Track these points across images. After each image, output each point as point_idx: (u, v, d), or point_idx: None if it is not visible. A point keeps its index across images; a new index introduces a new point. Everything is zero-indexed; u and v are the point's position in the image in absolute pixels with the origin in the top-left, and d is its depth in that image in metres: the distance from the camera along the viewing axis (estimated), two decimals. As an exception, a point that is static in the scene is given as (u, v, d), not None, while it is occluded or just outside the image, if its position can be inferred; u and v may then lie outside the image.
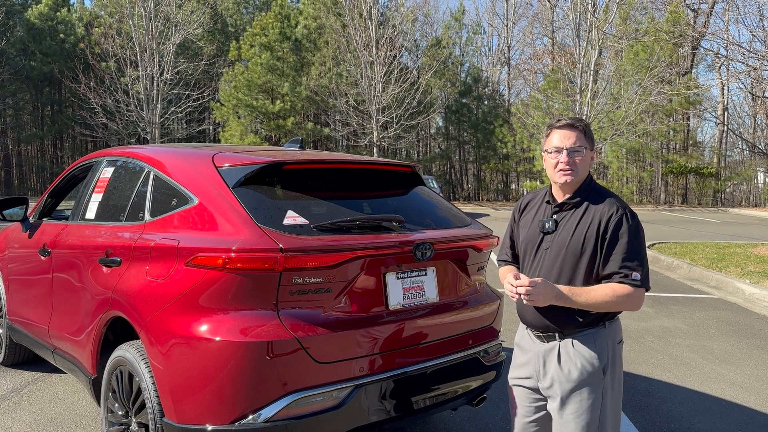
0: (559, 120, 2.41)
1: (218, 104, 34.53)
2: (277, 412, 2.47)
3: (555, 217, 2.41)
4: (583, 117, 30.49)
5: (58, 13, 40.76)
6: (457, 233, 3.14)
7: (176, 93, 32.71)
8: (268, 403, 2.47)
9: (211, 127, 40.37)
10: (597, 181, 2.49)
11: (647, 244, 12.55)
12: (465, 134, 41.02)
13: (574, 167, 2.34)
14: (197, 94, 31.67)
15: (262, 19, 35.22)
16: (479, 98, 40.00)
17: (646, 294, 2.38)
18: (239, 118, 34.08)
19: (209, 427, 2.51)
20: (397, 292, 2.83)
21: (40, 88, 42.85)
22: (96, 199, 3.71)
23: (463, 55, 41.25)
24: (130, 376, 2.91)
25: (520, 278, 2.23)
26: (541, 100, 33.88)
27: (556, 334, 2.36)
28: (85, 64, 31.54)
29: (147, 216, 3.12)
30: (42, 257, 3.97)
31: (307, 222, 2.68)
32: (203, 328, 2.53)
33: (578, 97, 30.62)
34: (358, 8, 30.03)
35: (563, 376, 2.34)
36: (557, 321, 2.34)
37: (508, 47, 44.48)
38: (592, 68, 30.00)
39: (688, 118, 35.06)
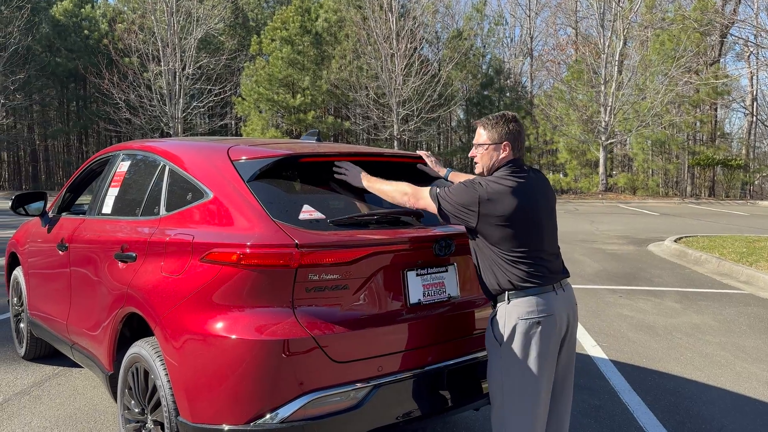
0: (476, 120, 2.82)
1: (240, 99, 34.67)
2: (294, 412, 2.40)
3: None
4: (608, 108, 30.07)
5: (83, 10, 41.26)
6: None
7: (198, 88, 32.94)
8: (284, 403, 2.40)
9: (233, 122, 40.58)
10: (622, 174, 2.58)
11: (673, 237, 12.35)
12: (487, 127, 40.58)
13: (477, 159, 2.74)
14: (219, 89, 31.84)
15: (283, 13, 35.23)
16: (501, 90, 39.61)
17: (673, 289, 2.45)
18: (260, 112, 34.20)
19: (225, 427, 2.45)
20: (417, 289, 2.74)
21: (66, 84, 43.49)
22: (112, 193, 3.68)
23: (484, 46, 40.86)
24: (146, 374, 2.87)
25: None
26: (565, 91, 33.45)
27: (492, 305, 2.72)
28: (108, 59, 31.87)
29: (162, 210, 3.07)
30: (60, 252, 3.95)
31: (323, 216, 2.60)
32: (217, 326, 2.47)
33: (602, 88, 30.18)
34: (378, 0, 29.87)
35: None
36: (485, 294, 2.72)
37: (531, 38, 44.00)
38: (616, 58, 29.51)
39: (716, 109, 34.28)
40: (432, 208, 2.64)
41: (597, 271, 9.28)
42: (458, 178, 3.21)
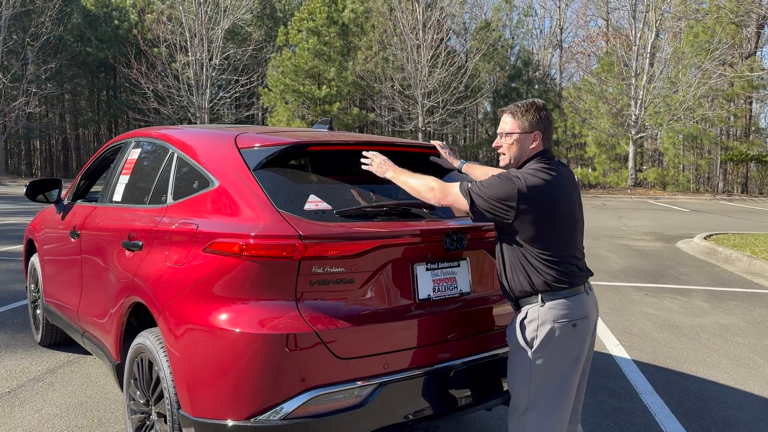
0: (502, 109, 2.64)
1: (266, 90, 34.77)
2: (295, 408, 2.32)
3: None
4: (639, 101, 29.44)
5: (113, 0, 41.69)
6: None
7: (225, 78, 33.08)
8: (286, 399, 2.31)
9: (259, 113, 40.75)
10: (652, 169, 2.46)
11: (702, 234, 12.00)
12: (514, 119, 40.12)
13: (503, 150, 2.58)
14: (245, 79, 31.94)
15: (310, 3, 35.17)
16: (529, 82, 39.08)
17: (701, 288, 2.35)
18: (286, 103, 34.26)
19: (226, 423, 2.38)
20: (427, 284, 2.64)
21: (96, 74, 44.09)
22: (123, 181, 3.63)
23: (513, 38, 40.33)
24: (150, 365, 2.81)
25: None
26: (594, 83, 32.89)
27: (512, 305, 2.58)
28: (137, 49, 32.19)
29: (169, 199, 3.01)
30: (72, 239, 3.93)
31: (329, 207, 2.51)
32: (218, 318, 2.39)
33: (633, 81, 29.57)
34: (405, -10, 29.62)
35: (509, 341, 2.55)
36: (506, 295, 2.58)
37: (561, 29, 43.31)
38: (648, 50, 28.87)
39: (751, 103, 33.32)
40: (462, 204, 2.45)
41: (623, 267, 9.06)
42: (474, 170, 3.10)
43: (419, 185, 2.56)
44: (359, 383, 2.39)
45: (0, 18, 33.18)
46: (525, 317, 2.45)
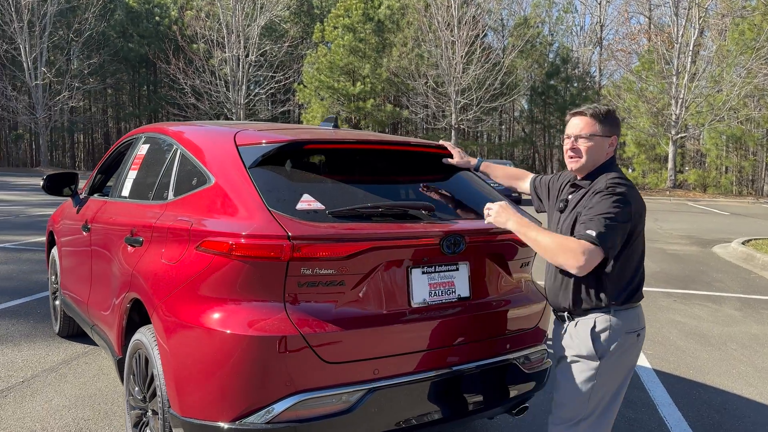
0: (572, 109, 2.52)
1: (301, 86, 34.98)
2: (281, 412, 2.27)
3: (569, 197, 2.49)
4: (680, 100, 28.63)
5: (155, -4, 42.50)
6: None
7: (261, 74, 33.38)
8: (271, 403, 2.27)
9: (295, 109, 41.05)
10: (692, 170, 2.37)
11: (741, 239, 11.58)
12: (551, 117, 39.58)
13: (579, 154, 2.43)
14: (281, 75, 32.18)
15: (346, 0, 35.23)
16: (568, 80, 38.44)
17: (734, 296, 2.29)
18: (321, 99, 34.40)
19: (214, 424, 2.34)
20: (423, 288, 2.56)
21: (137, 69, 45.05)
22: (132, 176, 3.65)
23: (552, 34, 39.74)
24: (146, 361, 2.81)
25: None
26: (635, 82, 32.12)
27: (566, 315, 2.45)
28: (175, 45, 32.72)
29: (170, 195, 3.00)
30: (84, 233, 3.97)
31: (323, 207, 2.45)
32: (205, 317, 2.36)
33: (674, 80, 28.79)
34: (441, -14, 29.39)
35: (566, 355, 2.42)
36: (564, 301, 2.42)
37: (601, 26, 42.43)
38: (690, 48, 28.04)
39: (799, 103, 32.10)
40: (597, 257, 2.20)
41: (654, 272, 8.79)
42: (494, 170, 3.06)
43: (552, 245, 2.28)
44: (348, 388, 2.33)
45: (45, 15, 34.09)
46: (594, 327, 2.34)
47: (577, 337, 2.37)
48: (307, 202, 2.45)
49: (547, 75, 37.91)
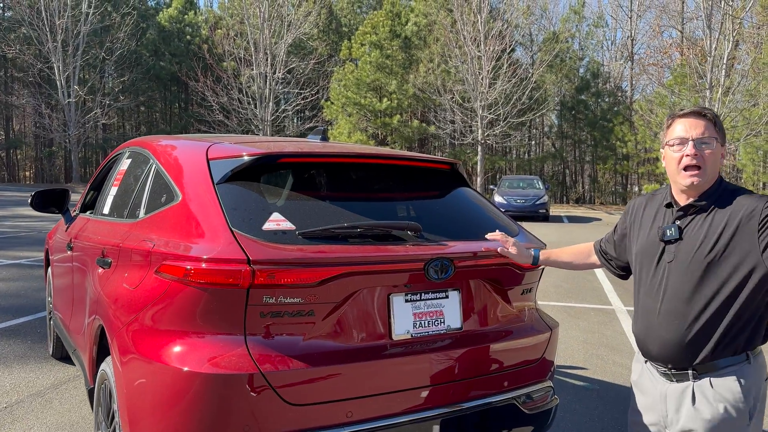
0: (682, 109, 2.04)
1: (328, 102, 35.05)
2: (239, 460, 2.00)
3: (678, 223, 2.01)
4: (714, 115, 27.82)
5: (186, 16, 43.25)
6: (494, 246, 2.51)
7: (287, 91, 33.57)
8: (227, 450, 2.00)
9: (324, 126, 41.10)
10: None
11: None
12: (581, 132, 38.92)
13: (701, 163, 1.95)
14: (308, 92, 32.29)
15: (374, 17, 35.31)
16: (598, 94, 37.79)
17: None
18: (348, 116, 34.39)
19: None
20: (406, 318, 2.28)
21: (168, 87, 45.80)
22: (112, 192, 3.46)
23: (582, 49, 39.20)
24: (110, 394, 2.57)
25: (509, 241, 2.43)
26: (667, 96, 31.37)
27: (690, 372, 1.96)
28: (203, 63, 33.14)
29: (142, 213, 2.78)
30: (68, 252, 3.79)
31: (292, 227, 2.19)
32: (158, 350, 2.12)
33: (708, 94, 28.01)
34: (468, 1, 29.22)
35: (701, 424, 1.93)
36: (691, 352, 1.93)
37: (632, 40, 41.72)
38: (724, 62, 27.28)
39: (841, 117, 30.95)
40: None
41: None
42: (556, 257, 2.51)
43: None
44: (314, 434, 2.05)
45: (78, 34, 34.89)
46: (741, 380, 1.92)
47: (722, 399, 1.91)
48: (276, 222, 2.20)
49: (577, 90, 37.33)
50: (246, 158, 2.39)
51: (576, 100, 37.54)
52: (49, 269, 4.92)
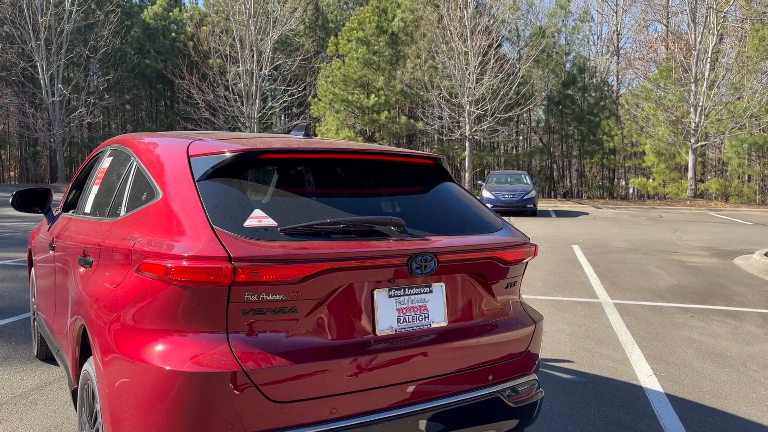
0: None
1: (315, 99, 34.95)
2: (222, 458, 1.99)
3: None
4: (699, 108, 28.06)
5: (171, 13, 42.92)
6: (477, 241, 2.52)
7: (274, 88, 33.42)
8: (210, 448, 1.99)
9: (311, 123, 41.00)
10: (713, 179, 1.89)
11: (763, 250, 11.09)
12: (568, 127, 39.10)
13: None
14: (295, 89, 32.17)
15: (360, 13, 35.23)
16: (585, 89, 37.96)
17: (756, 311, 1.83)
18: (336, 112, 34.31)
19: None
20: (389, 313, 2.27)
21: (154, 85, 45.44)
22: (93, 191, 3.43)
23: (568, 44, 39.34)
24: (93, 395, 2.55)
25: None
26: (653, 90, 31.57)
27: None
28: (188, 61, 32.91)
29: (123, 212, 2.75)
30: (50, 252, 3.75)
31: (274, 224, 2.18)
32: (139, 350, 2.10)
33: (693, 87, 28.23)
34: (454, -3, 29.21)
35: None
36: None
37: (618, 35, 41.93)
38: (709, 56, 27.49)
39: (824, 110, 31.28)
40: None
41: (671, 286, 8.38)
42: None
43: None
44: (298, 431, 2.05)
45: (62, 32, 34.53)
46: None
47: None
48: (257, 218, 2.18)
49: (563, 84, 37.48)
50: (227, 155, 2.37)
51: (563, 94, 37.70)
52: (32, 270, 4.87)
